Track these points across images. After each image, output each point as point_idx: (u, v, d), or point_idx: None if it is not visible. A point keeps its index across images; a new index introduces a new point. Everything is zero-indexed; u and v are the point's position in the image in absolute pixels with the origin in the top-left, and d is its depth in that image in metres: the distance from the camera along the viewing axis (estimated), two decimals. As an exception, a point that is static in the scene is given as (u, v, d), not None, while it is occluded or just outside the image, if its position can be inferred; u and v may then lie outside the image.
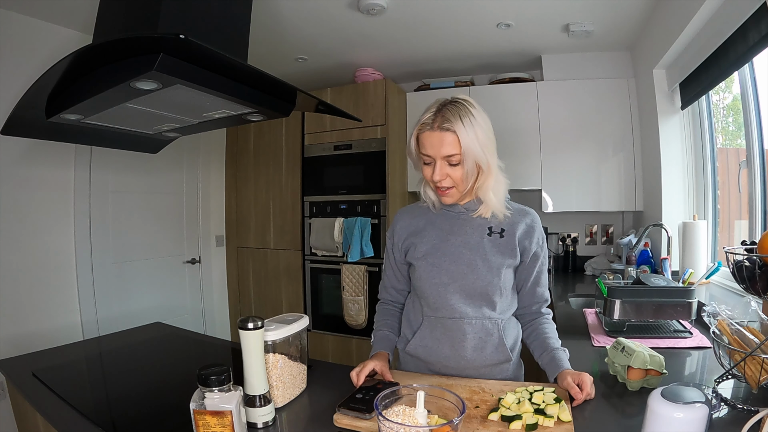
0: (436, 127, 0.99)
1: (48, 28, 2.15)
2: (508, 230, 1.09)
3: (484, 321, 1.06)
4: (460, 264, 1.06)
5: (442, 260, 1.07)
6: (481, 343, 1.06)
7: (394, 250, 1.18)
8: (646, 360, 0.94)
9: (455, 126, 0.97)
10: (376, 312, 1.25)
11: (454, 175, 1.01)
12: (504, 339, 1.07)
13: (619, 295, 1.37)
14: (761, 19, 1.37)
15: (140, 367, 1.30)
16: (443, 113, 0.99)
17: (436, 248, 1.09)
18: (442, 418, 0.72)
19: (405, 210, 1.20)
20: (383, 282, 1.25)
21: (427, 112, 1.02)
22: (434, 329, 1.09)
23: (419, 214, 1.16)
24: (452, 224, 1.11)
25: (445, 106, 1.00)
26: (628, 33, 2.42)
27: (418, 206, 1.18)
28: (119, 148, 1.79)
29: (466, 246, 1.07)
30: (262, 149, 3.24)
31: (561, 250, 2.96)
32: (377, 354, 1.11)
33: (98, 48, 1.00)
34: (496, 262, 1.06)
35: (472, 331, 1.06)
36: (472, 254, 1.06)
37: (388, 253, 1.20)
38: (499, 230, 1.08)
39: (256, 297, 3.32)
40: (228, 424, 0.72)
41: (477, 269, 1.05)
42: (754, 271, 0.99)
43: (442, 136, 0.98)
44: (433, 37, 2.49)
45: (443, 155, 0.99)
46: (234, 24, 1.37)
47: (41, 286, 2.21)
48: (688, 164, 2.23)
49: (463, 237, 1.08)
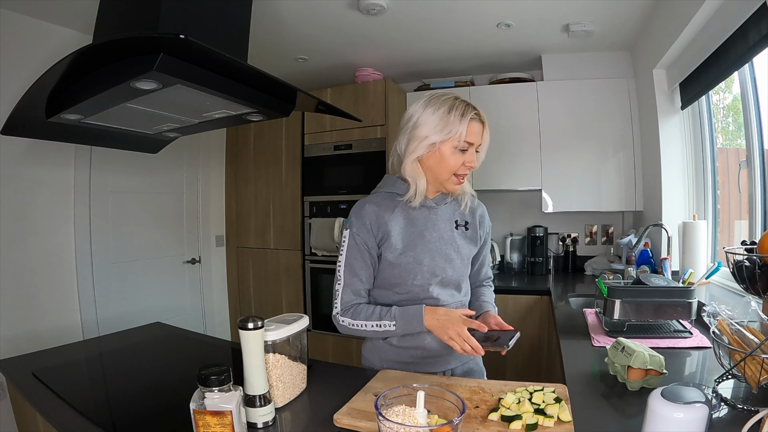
0: (479, 119, 1.08)
1: (48, 28, 2.15)
2: (470, 222, 1.20)
3: (456, 304, 1.17)
4: (438, 259, 1.12)
5: (423, 256, 1.10)
6: None
7: (368, 243, 1.09)
8: (646, 360, 0.93)
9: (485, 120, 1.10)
10: (353, 314, 1.10)
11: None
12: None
13: (619, 295, 1.37)
14: (761, 19, 1.37)
15: (140, 367, 1.30)
16: (476, 109, 1.08)
17: (414, 244, 1.11)
18: (442, 418, 0.72)
19: (364, 201, 1.13)
20: (350, 288, 1.10)
21: (463, 106, 1.05)
22: None
23: (384, 206, 1.11)
24: (425, 219, 1.14)
25: (470, 104, 1.08)
26: (628, 33, 2.42)
27: (379, 195, 1.14)
28: (119, 148, 1.80)
29: (441, 240, 1.13)
30: (262, 149, 3.24)
31: (561, 250, 2.96)
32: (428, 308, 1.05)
33: (98, 48, 1.00)
34: (466, 253, 1.18)
35: None
36: (447, 248, 1.14)
37: (359, 250, 1.09)
38: (464, 223, 1.19)
39: (256, 297, 3.32)
40: (228, 424, 0.72)
41: (453, 262, 1.14)
42: (754, 271, 0.98)
43: (482, 127, 1.09)
44: (433, 37, 2.49)
45: (478, 144, 1.09)
46: (234, 24, 1.37)
47: (41, 286, 2.21)
48: (688, 164, 2.23)
49: (438, 232, 1.14)
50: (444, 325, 1.02)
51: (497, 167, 2.76)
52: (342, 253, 1.12)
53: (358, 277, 1.10)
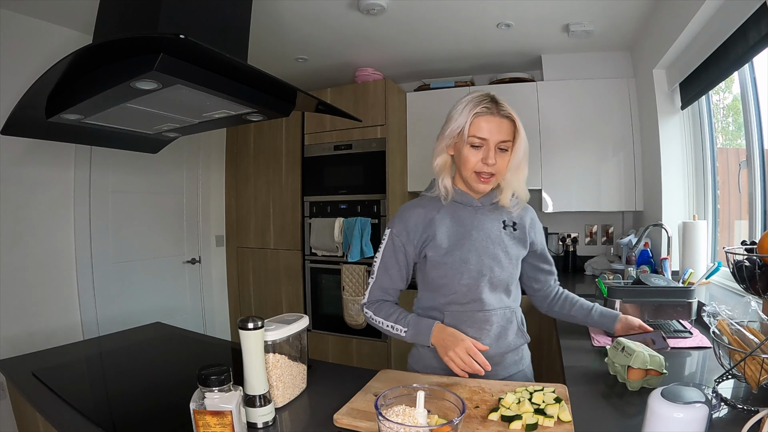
0: (496, 113, 1.04)
1: (48, 28, 2.15)
2: (518, 223, 1.16)
3: (505, 310, 1.13)
4: (486, 258, 1.09)
5: (469, 256, 1.08)
6: (504, 331, 1.13)
7: (406, 247, 1.11)
8: (646, 360, 0.93)
9: (514, 115, 1.06)
10: (375, 309, 1.13)
11: (500, 162, 1.06)
12: (519, 324, 1.17)
13: (619, 295, 1.37)
14: (761, 19, 1.37)
15: (140, 367, 1.30)
16: (499, 102, 1.05)
17: (460, 244, 1.09)
18: (442, 418, 0.72)
19: (413, 204, 1.15)
20: (379, 284, 1.14)
21: (478, 100, 1.05)
22: (460, 323, 1.09)
23: (430, 207, 1.13)
24: (471, 218, 1.12)
25: (497, 98, 1.07)
26: (628, 33, 2.42)
27: (426, 198, 1.15)
28: (119, 148, 1.80)
29: (488, 240, 1.10)
30: (262, 149, 3.24)
31: (561, 250, 2.96)
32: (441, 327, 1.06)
33: (98, 48, 1.00)
34: (515, 254, 1.14)
35: (497, 321, 1.12)
36: (495, 248, 1.10)
37: (395, 251, 1.12)
38: (512, 224, 1.15)
39: (256, 297, 3.32)
40: (228, 424, 0.72)
41: (501, 262, 1.10)
42: (754, 271, 0.98)
43: (502, 122, 1.04)
44: (433, 37, 2.49)
45: (499, 140, 1.04)
46: (234, 24, 1.37)
47: (41, 286, 2.21)
48: (688, 164, 2.23)
49: (485, 231, 1.11)
50: (447, 344, 1.02)
51: (497, 167, 2.76)
52: (380, 250, 1.16)
53: (389, 276, 1.14)
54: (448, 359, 1.01)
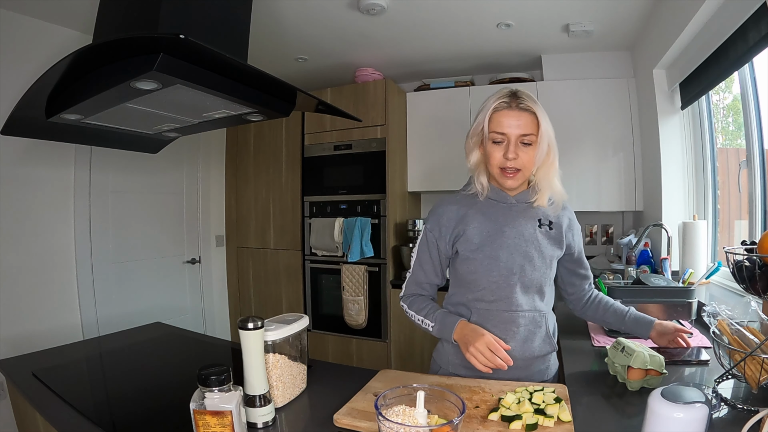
0: (514, 107, 1.02)
1: (48, 28, 2.15)
2: (555, 223, 1.13)
3: (534, 313, 1.09)
4: (517, 256, 1.07)
5: (500, 252, 1.06)
6: (531, 335, 1.09)
7: (439, 242, 1.12)
8: (646, 360, 0.93)
9: (535, 108, 1.03)
10: (410, 303, 1.16)
11: (524, 156, 1.03)
12: (549, 330, 1.11)
13: (619, 295, 1.37)
14: (761, 19, 1.37)
15: (140, 367, 1.30)
16: (519, 96, 1.03)
17: (492, 240, 1.07)
18: (442, 418, 0.72)
19: (447, 199, 1.15)
20: (415, 278, 1.17)
21: (498, 95, 1.04)
22: (486, 321, 1.07)
23: (464, 203, 1.12)
24: (505, 215, 1.10)
25: (518, 92, 1.04)
26: (628, 33, 2.42)
27: (460, 195, 1.15)
28: (119, 148, 1.79)
29: (521, 237, 1.08)
30: (262, 149, 3.24)
31: (561, 250, 2.96)
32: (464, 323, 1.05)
33: (98, 48, 1.00)
34: (549, 254, 1.10)
35: (524, 323, 1.08)
36: (527, 246, 1.08)
37: (429, 247, 1.14)
38: (548, 223, 1.12)
39: (256, 297, 3.32)
40: (228, 424, 0.72)
41: (533, 261, 1.07)
42: (754, 271, 0.98)
43: (521, 115, 1.02)
44: (433, 37, 2.49)
45: (519, 134, 1.02)
46: (234, 24, 1.37)
47: (41, 286, 2.21)
48: (688, 164, 2.23)
49: (518, 228, 1.08)
50: (468, 339, 1.00)
51: (497, 167, 2.76)
52: (416, 246, 1.18)
53: (423, 271, 1.16)
54: (469, 355, 0.99)
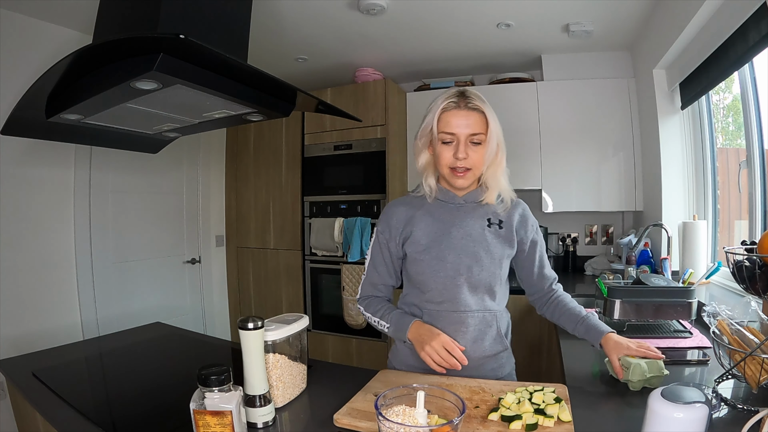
0: (463, 106, 1.03)
1: (48, 28, 2.15)
2: (505, 221, 1.12)
3: (484, 313, 1.10)
4: (464, 256, 1.07)
5: (447, 253, 1.07)
6: (481, 335, 1.10)
7: (389, 244, 1.14)
8: (645, 370, 0.93)
9: (483, 107, 1.04)
10: (366, 305, 1.18)
11: (474, 156, 1.04)
12: (500, 329, 1.12)
13: (619, 295, 1.37)
14: (761, 19, 1.37)
15: (140, 367, 1.30)
16: (467, 95, 1.03)
17: (438, 241, 1.08)
18: (442, 418, 0.72)
19: (397, 201, 1.18)
20: (369, 279, 1.19)
21: (446, 96, 1.04)
22: (435, 322, 1.09)
23: (413, 205, 1.14)
24: (453, 216, 1.11)
25: (466, 91, 1.04)
26: (628, 33, 2.42)
27: (411, 197, 1.17)
28: (119, 148, 1.79)
29: (468, 238, 1.08)
30: (262, 149, 3.24)
31: (561, 250, 2.96)
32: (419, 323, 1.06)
33: (98, 48, 1.00)
34: (498, 254, 1.09)
35: (474, 323, 1.09)
36: (475, 246, 1.08)
37: (381, 248, 1.16)
38: (497, 221, 1.12)
39: (256, 297, 3.32)
40: (228, 424, 0.72)
41: (481, 261, 1.07)
42: (754, 271, 0.99)
43: (470, 115, 1.02)
44: (433, 37, 2.49)
45: (469, 133, 1.02)
46: (234, 24, 1.37)
47: (41, 286, 2.21)
48: (688, 164, 2.23)
49: (465, 229, 1.09)
50: (423, 339, 1.01)
51: (497, 167, 2.76)
52: (369, 247, 1.19)
53: (377, 272, 1.17)
54: (424, 354, 1.00)
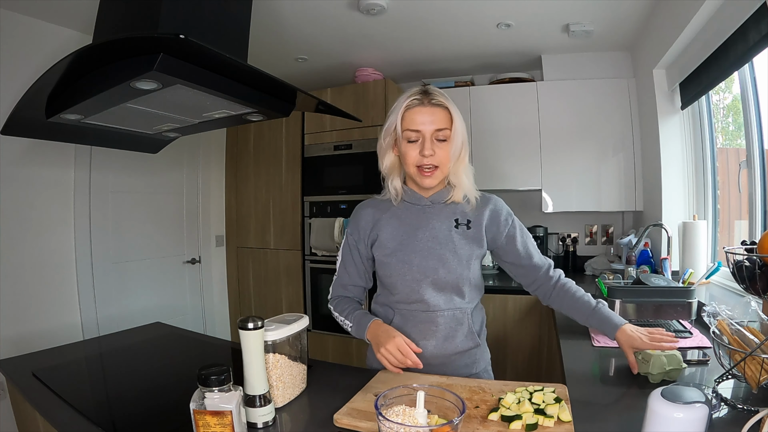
0: (427, 103, 1.02)
1: (48, 28, 2.15)
2: (474, 221, 1.11)
3: (454, 311, 1.10)
4: (430, 259, 1.07)
5: (412, 256, 1.08)
6: (452, 332, 1.11)
7: (359, 245, 1.15)
8: (664, 363, 0.96)
9: (447, 103, 1.03)
10: (335, 305, 1.17)
11: (440, 153, 1.03)
12: (472, 326, 1.12)
13: (619, 295, 1.37)
14: (761, 19, 1.37)
15: (140, 367, 1.30)
16: (430, 92, 1.03)
17: (404, 244, 1.09)
18: (442, 418, 0.72)
19: (365, 204, 1.19)
20: (340, 281, 1.19)
21: (409, 94, 1.04)
22: (407, 321, 1.11)
23: (380, 207, 1.15)
24: (418, 218, 1.11)
25: (429, 89, 1.04)
26: (628, 33, 2.42)
27: (378, 200, 1.18)
28: (119, 148, 1.80)
29: (434, 240, 1.09)
30: (262, 149, 3.24)
31: (561, 250, 2.96)
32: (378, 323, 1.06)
33: (98, 48, 1.00)
34: (466, 254, 1.09)
35: (444, 322, 1.10)
36: (441, 248, 1.08)
37: (350, 249, 1.17)
38: (466, 222, 1.11)
39: (256, 297, 3.32)
40: (228, 424, 0.72)
41: (448, 263, 1.07)
42: (754, 271, 0.99)
43: (434, 111, 1.02)
44: (433, 37, 2.49)
45: (434, 129, 1.02)
46: (234, 24, 1.37)
47: (41, 286, 2.21)
48: (688, 164, 2.23)
49: (431, 231, 1.09)
50: (380, 340, 1.01)
51: (497, 167, 2.76)
52: (341, 248, 1.20)
53: (347, 273, 1.18)
54: (380, 355, 1.00)
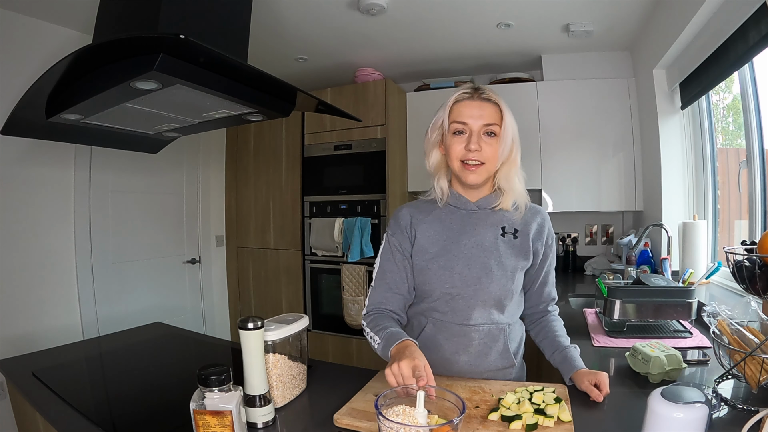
0: (476, 97, 0.99)
1: (48, 28, 2.15)
2: (521, 230, 1.04)
3: (491, 327, 1.03)
4: (474, 268, 1.00)
5: (455, 263, 1.00)
6: (486, 349, 1.03)
7: (402, 244, 1.05)
8: (664, 363, 0.97)
9: (498, 100, 1.00)
10: (369, 321, 1.04)
11: (487, 149, 0.98)
12: (509, 344, 1.05)
13: (619, 295, 1.37)
14: (761, 19, 1.37)
15: (140, 367, 1.30)
16: (480, 88, 1.00)
17: (447, 249, 1.02)
18: (442, 418, 0.72)
19: (405, 205, 1.12)
20: (377, 291, 1.06)
21: (459, 89, 1.01)
22: (439, 332, 1.04)
23: (423, 209, 1.08)
24: (463, 223, 1.04)
25: (478, 85, 1.02)
26: (628, 33, 2.42)
27: (422, 201, 1.11)
28: (119, 148, 1.79)
29: (479, 247, 1.01)
30: (262, 149, 3.24)
31: (561, 250, 2.96)
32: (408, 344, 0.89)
33: (98, 48, 1.00)
34: (511, 265, 1.01)
35: (478, 337, 1.02)
36: (486, 257, 1.01)
37: (392, 252, 1.06)
38: (513, 230, 1.04)
39: (256, 297, 3.32)
40: (228, 424, 0.72)
41: (492, 273, 1.00)
42: (754, 271, 0.99)
43: (483, 106, 0.98)
44: (433, 37, 2.49)
45: (483, 123, 0.97)
46: (234, 24, 1.37)
47: (41, 286, 2.21)
48: (688, 164, 2.23)
49: (476, 237, 1.02)
50: (400, 356, 0.85)
51: (497, 167, 2.76)
52: (378, 256, 1.10)
53: (385, 282, 1.06)
54: (389, 370, 0.83)
